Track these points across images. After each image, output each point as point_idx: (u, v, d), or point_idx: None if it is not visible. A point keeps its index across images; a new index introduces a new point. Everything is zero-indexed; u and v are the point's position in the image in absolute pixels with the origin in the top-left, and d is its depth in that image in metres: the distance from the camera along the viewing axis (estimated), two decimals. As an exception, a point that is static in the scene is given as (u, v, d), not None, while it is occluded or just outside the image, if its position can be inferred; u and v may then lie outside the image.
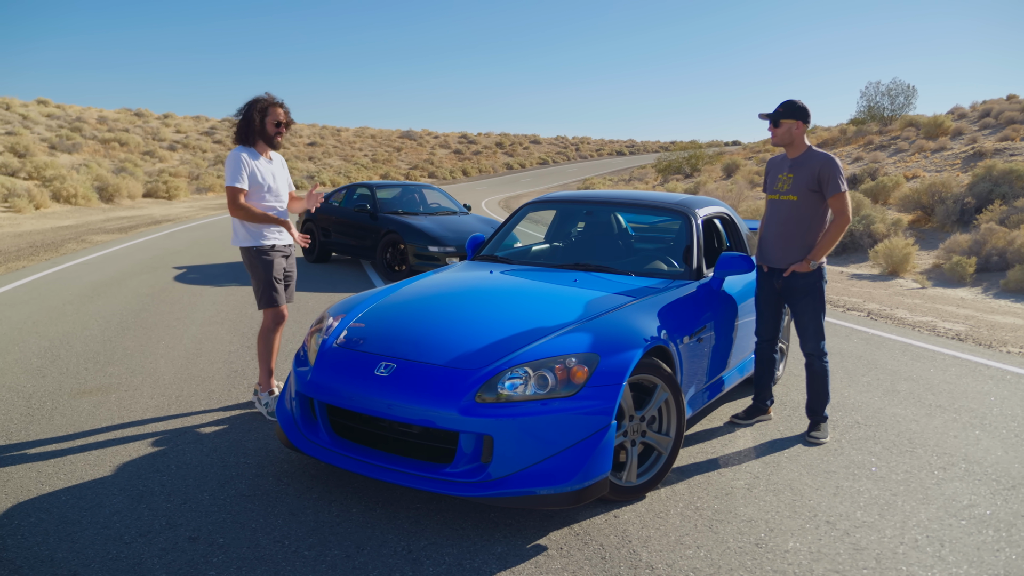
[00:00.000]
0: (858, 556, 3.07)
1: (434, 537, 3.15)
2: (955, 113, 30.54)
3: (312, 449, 3.53)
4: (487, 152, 69.12)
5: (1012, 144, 20.85)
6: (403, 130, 71.99)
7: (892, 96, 32.20)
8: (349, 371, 3.46)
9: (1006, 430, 4.65)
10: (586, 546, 3.11)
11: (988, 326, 8.04)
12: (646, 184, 36.92)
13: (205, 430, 4.38)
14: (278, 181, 4.69)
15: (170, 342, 6.40)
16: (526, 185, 44.75)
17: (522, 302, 3.96)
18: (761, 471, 3.94)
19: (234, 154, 4.54)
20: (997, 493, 3.73)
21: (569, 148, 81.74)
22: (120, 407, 4.73)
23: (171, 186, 26.67)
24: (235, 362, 5.83)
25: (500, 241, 5.26)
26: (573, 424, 3.13)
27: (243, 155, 4.52)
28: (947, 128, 25.79)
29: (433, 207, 11.58)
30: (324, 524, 3.25)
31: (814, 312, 4.40)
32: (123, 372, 5.48)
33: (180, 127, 49.34)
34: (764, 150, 39.46)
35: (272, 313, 4.69)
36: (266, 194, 4.59)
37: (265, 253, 4.61)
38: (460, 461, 3.19)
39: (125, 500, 3.45)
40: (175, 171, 31.80)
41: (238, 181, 4.47)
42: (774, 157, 4.62)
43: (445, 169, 53.55)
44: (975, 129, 25.58)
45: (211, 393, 5.05)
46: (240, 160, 4.49)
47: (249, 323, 7.19)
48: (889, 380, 5.75)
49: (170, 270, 10.55)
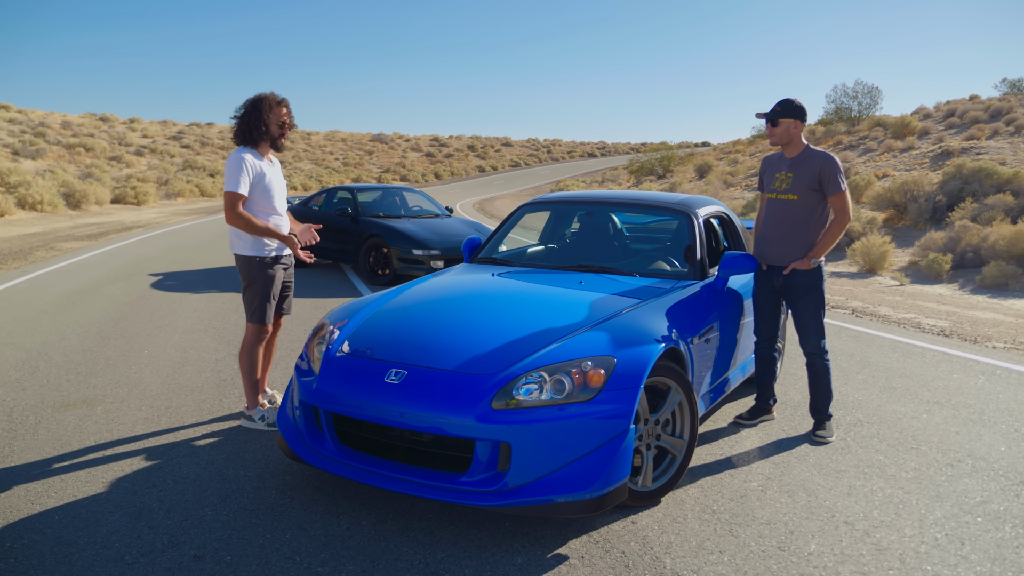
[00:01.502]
0: (882, 557, 3.03)
1: (451, 549, 3.06)
2: (920, 113, 31.06)
3: (318, 460, 3.41)
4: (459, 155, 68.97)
5: (978, 143, 21.24)
6: (374, 133, 71.55)
7: (858, 98, 32.69)
8: (357, 379, 3.35)
9: (1005, 425, 4.67)
10: (607, 554, 3.03)
11: (970, 322, 8.13)
12: (619, 185, 37.05)
13: (200, 442, 4.23)
14: (279, 186, 4.46)
15: (153, 351, 6.21)
16: (499, 188, 44.70)
17: (530, 305, 3.88)
18: (772, 472, 3.90)
19: (236, 156, 4.26)
20: (1007, 489, 3.73)
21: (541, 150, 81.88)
22: (107, 420, 4.56)
23: (140, 192, 26.15)
24: (223, 371, 5.67)
25: (498, 243, 5.18)
26: (592, 429, 3.06)
27: (247, 157, 4.25)
28: (914, 128, 26.22)
29: (415, 210, 11.46)
30: (335, 538, 3.14)
31: (815, 310, 4.38)
32: (107, 383, 5.30)
33: (147, 132, 48.49)
34: (734, 151, 39.81)
35: (259, 328, 4.44)
36: (271, 201, 4.36)
37: (268, 266, 4.38)
38: (476, 469, 3.10)
39: (123, 518, 3.31)
40: (143, 176, 31.19)
41: (239, 186, 4.19)
42: (770, 156, 4.60)
43: (417, 172, 53.30)
44: (941, 128, 26.04)
45: (201, 403, 4.90)
46: (243, 163, 4.23)
47: (233, 330, 7.02)
48: (884, 377, 5.76)
49: (146, 277, 10.30)
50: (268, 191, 4.34)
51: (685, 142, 79.69)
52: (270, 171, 4.39)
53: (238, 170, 4.21)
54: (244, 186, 4.22)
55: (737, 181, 27.21)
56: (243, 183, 4.21)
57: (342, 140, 66.07)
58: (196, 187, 31.87)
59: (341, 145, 63.40)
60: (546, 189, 41.35)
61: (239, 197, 4.22)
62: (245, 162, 4.23)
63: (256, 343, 4.42)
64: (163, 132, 50.37)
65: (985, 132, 22.56)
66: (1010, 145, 20.38)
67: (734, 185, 26.47)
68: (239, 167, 4.21)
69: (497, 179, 53.92)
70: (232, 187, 4.20)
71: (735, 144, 43.60)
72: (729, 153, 39.30)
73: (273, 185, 4.38)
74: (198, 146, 47.53)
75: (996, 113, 25.31)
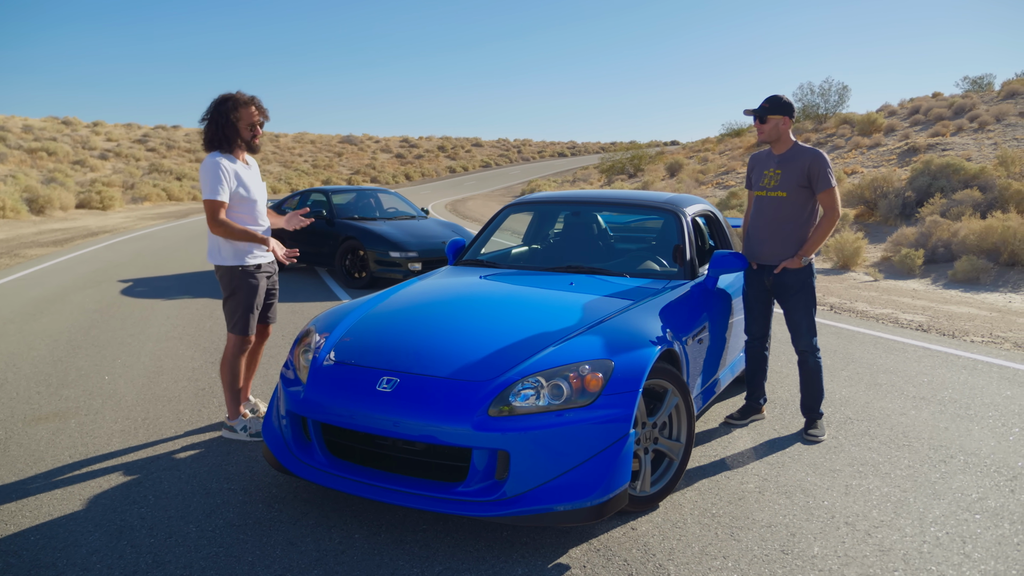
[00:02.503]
0: (886, 558, 3.00)
1: (448, 561, 2.97)
2: (885, 110, 31.53)
3: (306, 472, 3.30)
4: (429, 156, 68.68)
5: (943, 139, 21.57)
6: (343, 135, 70.95)
7: (825, 95, 33.07)
8: (347, 388, 3.24)
9: (992, 420, 4.69)
10: (610, 563, 2.96)
11: (946, 316, 8.20)
12: (591, 185, 37.12)
13: (180, 455, 4.09)
14: (258, 189, 4.28)
15: (127, 360, 6.03)
16: (470, 188, 44.56)
17: (522, 308, 3.80)
18: (768, 473, 3.86)
19: (211, 162, 4.07)
20: (1002, 485, 3.73)
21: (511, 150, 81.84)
22: (82, 433, 4.40)
23: (105, 196, 25.59)
24: (200, 380, 5.52)
25: (482, 245, 5.09)
26: (591, 435, 2.99)
27: (222, 162, 4.07)
28: (880, 125, 26.58)
29: (390, 212, 11.32)
30: (327, 553, 3.03)
31: (806, 308, 4.36)
32: (80, 395, 5.12)
33: (111, 135, 47.56)
34: (704, 149, 40.06)
35: (241, 339, 4.27)
36: (252, 205, 4.20)
37: (251, 275, 4.21)
38: (473, 479, 3.01)
39: (103, 537, 3.17)
40: (108, 181, 30.58)
41: (218, 193, 4.02)
42: (757, 153, 4.57)
43: (388, 174, 52.93)
44: (906, 126, 26.44)
45: (180, 415, 4.75)
46: (219, 168, 4.04)
47: (209, 337, 6.85)
48: (869, 373, 5.77)
49: (115, 284, 10.05)
50: (247, 195, 4.17)
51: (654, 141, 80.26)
52: (247, 174, 4.22)
53: (214, 176, 4.03)
54: (223, 192, 4.04)
55: (708, 179, 27.38)
56: (222, 189, 4.04)
57: (311, 142, 65.43)
58: (163, 191, 31.32)
59: (310, 147, 62.80)
60: (517, 189, 41.31)
61: (219, 204, 4.04)
62: (220, 167, 4.05)
63: (238, 354, 4.28)
64: (128, 135, 49.48)
65: (950, 128, 22.93)
66: (974, 141, 20.73)
67: (706, 183, 26.62)
68: (215, 173, 4.03)
69: (468, 180, 53.75)
70: (211, 195, 4.03)
71: (704, 143, 43.90)
72: (699, 152, 39.55)
73: (252, 188, 4.22)
74: (164, 149, 46.75)
75: (959, 110, 25.75)
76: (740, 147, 34.38)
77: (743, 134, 39.14)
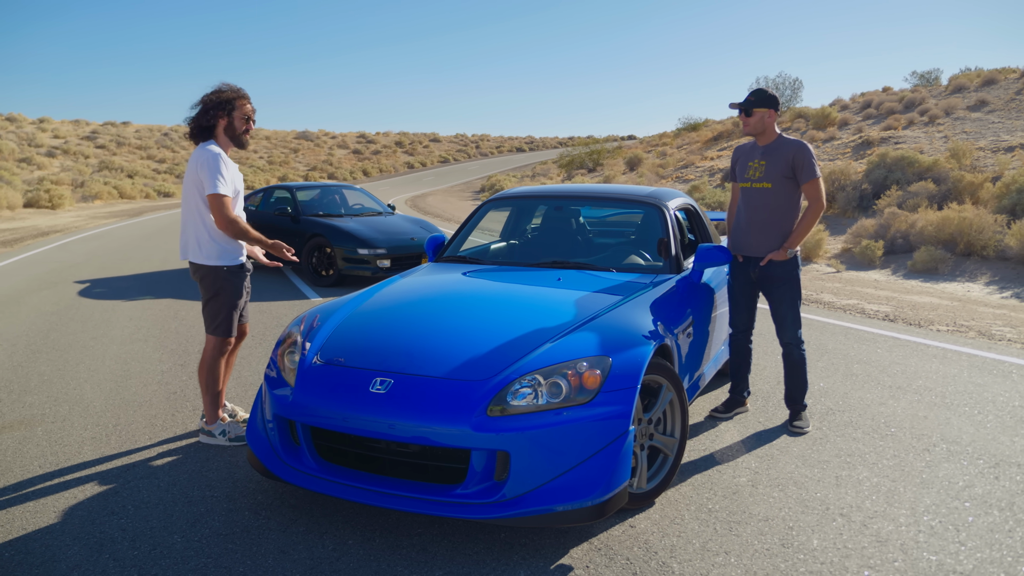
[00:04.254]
0: (884, 549, 3.01)
1: (448, 565, 2.90)
2: (838, 104, 32.12)
3: (295, 477, 3.20)
4: (387, 152, 68.00)
5: (896, 133, 22.06)
6: (299, 131, 69.87)
7: (780, 90, 33.60)
8: (339, 390, 3.14)
9: (968, 408, 4.77)
10: (612, 562, 2.92)
11: (910, 306, 8.36)
12: (551, 179, 37.14)
13: (156, 463, 3.94)
14: (241, 186, 4.17)
15: (91, 364, 5.81)
16: (429, 184, 44.25)
17: (513, 304, 3.74)
18: (759, 466, 3.86)
19: (211, 154, 3.89)
20: (985, 472, 3.79)
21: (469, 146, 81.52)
22: (50, 441, 4.22)
23: (54, 195, 24.78)
24: (171, 383, 5.34)
25: (463, 240, 5.00)
26: (591, 433, 2.94)
27: (222, 154, 3.92)
28: (834, 119, 27.09)
29: (356, 208, 11.15)
30: (321, 561, 2.94)
31: (792, 301, 4.38)
32: (45, 401, 4.92)
33: (58, 132, 46.13)
34: (661, 143, 40.36)
35: (222, 341, 4.12)
36: (237, 201, 4.06)
37: (236, 275, 4.08)
38: (472, 481, 2.94)
39: (83, 551, 3.03)
40: (57, 179, 29.61)
41: (222, 187, 3.86)
42: (742, 145, 4.57)
43: (345, 170, 52.28)
44: (859, 119, 26.97)
45: (152, 419, 4.58)
46: (219, 160, 3.88)
47: (175, 339, 6.64)
48: (844, 364, 5.84)
49: (72, 285, 9.71)
50: (235, 191, 4.04)
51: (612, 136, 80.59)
52: (234, 167, 4.07)
53: (216, 169, 3.86)
54: (225, 186, 3.89)
55: (668, 173, 27.59)
56: (223, 183, 3.88)
57: (266, 138, 64.29)
58: (115, 189, 30.46)
59: (265, 143, 61.70)
60: (477, 185, 41.15)
61: (225, 199, 3.89)
62: (221, 159, 3.91)
63: (218, 356, 4.13)
64: (76, 132, 48.06)
65: (901, 122, 23.44)
66: (925, 134, 21.23)
67: (666, 177, 26.82)
68: (216, 166, 3.87)
69: (427, 175, 53.37)
70: (216, 188, 3.85)
71: (661, 137, 44.22)
72: (656, 146, 39.82)
73: (239, 183, 4.10)
74: (114, 146, 45.52)
75: (910, 104, 26.34)
76: (697, 141, 34.74)
77: (699, 128, 39.57)
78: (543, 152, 76.63)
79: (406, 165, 62.43)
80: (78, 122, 52.86)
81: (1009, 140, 17.49)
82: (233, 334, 4.14)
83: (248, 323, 4.42)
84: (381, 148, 68.62)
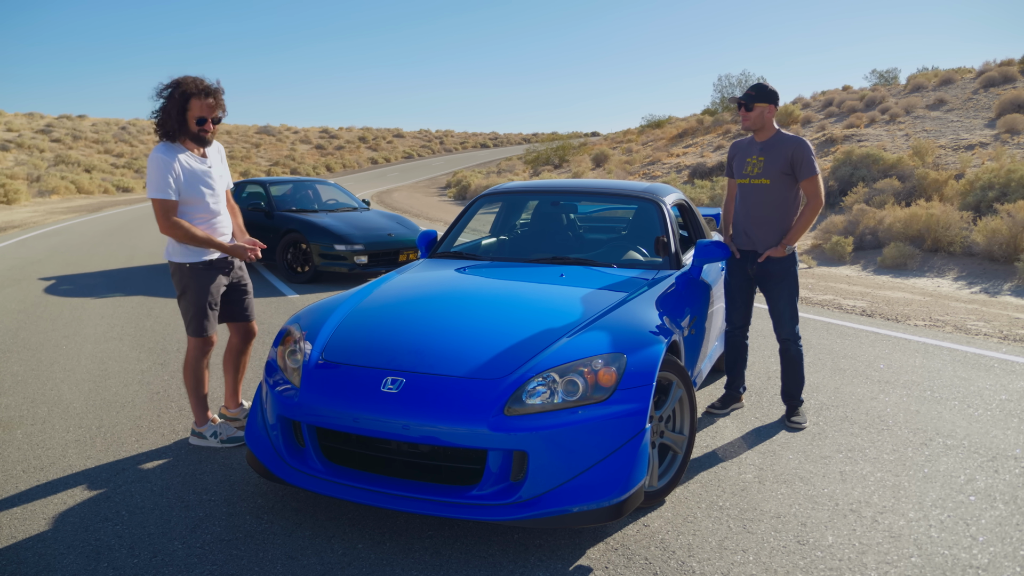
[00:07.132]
0: (899, 544, 3.02)
1: (463, 568, 2.83)
2: (800, 102, 32.60)
3: (301, 479, 3.10)
4: (350, 147, 67.31)
5: (858, 131, 22.44)
6: (260, 125, 68.82)
7: (743, 87, 33.99)
8: (348, 390, 3.04)
9: (956, 402, 4.84)
10: (631, 562, 2.88)
11: (885, 301, 8.49)
12: (517, 176, 37.10)
13: (147, 465, 3.80)
14: (216, 182, 3.92)
15: (67, 364, 5.61)
16: (394, 180, 43.87)
17: (519, 302, 3.67)
18: (763, 462, 3.86)
19: (154, 156, 3.71)
20: (984, 465, 3.83)
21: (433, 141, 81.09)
22: (31, 444, 4.04)
23: (9, 189, 24.01)
24: (152, 383, 5.17)
25: (457, 236, 4.92)
26: (609, 431, 2.89)
27: (163, 158, 3.69)
28: (797, 117, 27.48)
29: (330, 203, 10.96)
30: (332, 567, 2.85)
31: (789, 297, 4.38)
32: (22, 403, 4.72)
33: (11, 125, 44.77)
34: (626, 140, 40.58)
35: (201, 342, 3.96)
36: (204, 200, 3.85)
37: (201, 272, 3.88)
38: (488, 482, 2.88)
39: (79, 559, 2.89)
40: (11, 173, 28.70)
41: (165, 192, 3.68)
42: (739, 141, 4.56)
43: (308, 165, 51.59)
44: (821, 117, 27.40)
45: (137, 421, 4.43)
46: (161, 164, 3.68)
47: (152, 337, 6.45)
48: (830, 359, 5.89)
49: (36, 282, 9.38)
50: (198, 190, 3.82)
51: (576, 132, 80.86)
52: (199, 166, 3.85)
53: (158, 172, 3.69)
54: (172, 189, 3.70)
55: (635, 169, 27.73)
56: (168, 186, 3.69)
57: (227, 133, 63.19)
58: (72, 183, 29.65)
59: (226, 138, 60.63)
60: (442, 180, 40.94)
61: (169, 204, 3.71)
62: (161, 163, 3.69)
63: (199, 357, 3.98)
64: (30, 125, 46.72)
65: (863, 120, 23.85)
66: (887, 132, 21.64)
67: (633, 173, 26.95)
68: (158, 168, 3.69)
69: (391, 171, 52.90)
70: (156, 193, 3.69)
71: (626, 134, 44.48)
72: (621, 143, 40.03)
73: (205, 182, 3.86)
74: (70, 140, 44.30)
75: (871, 102, 26.82)
76: (662, 138, 35.00)
77: (663, 125, 39.87)
78: (508, 148, 76.55)
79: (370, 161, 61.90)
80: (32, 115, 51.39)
81: (969, 138, 17.91)
82: (208, 333, 3.96)
83: (255, 321, 4.28)
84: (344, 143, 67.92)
